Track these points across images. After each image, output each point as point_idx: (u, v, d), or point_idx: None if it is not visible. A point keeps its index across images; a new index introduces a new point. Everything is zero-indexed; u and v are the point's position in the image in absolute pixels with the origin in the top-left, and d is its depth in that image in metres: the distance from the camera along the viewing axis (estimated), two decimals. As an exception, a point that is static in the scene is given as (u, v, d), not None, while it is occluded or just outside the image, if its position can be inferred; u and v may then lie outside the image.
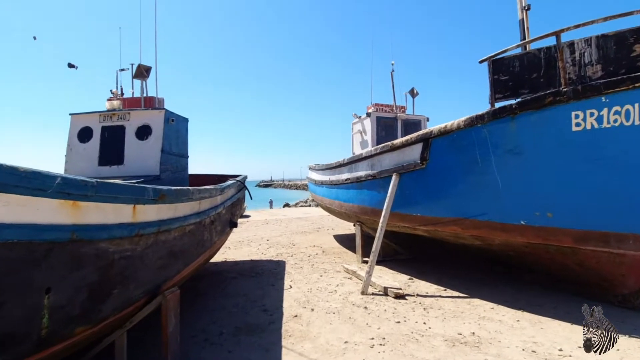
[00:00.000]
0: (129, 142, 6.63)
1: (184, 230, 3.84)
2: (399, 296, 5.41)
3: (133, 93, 7.28)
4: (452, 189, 5.48)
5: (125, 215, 2.78)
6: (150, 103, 7.06)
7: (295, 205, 35.60)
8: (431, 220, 5.88)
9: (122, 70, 8.07)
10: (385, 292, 5.61)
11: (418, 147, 5.76)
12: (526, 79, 5.04)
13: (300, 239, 11.63)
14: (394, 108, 10.72)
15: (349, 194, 8.26)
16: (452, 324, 4.46)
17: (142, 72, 6.85)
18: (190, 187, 3.76)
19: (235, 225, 6.57)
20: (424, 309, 4.98)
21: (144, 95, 7.13)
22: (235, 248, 10.35)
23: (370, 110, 10.36)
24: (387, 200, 6.02)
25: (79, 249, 2.43)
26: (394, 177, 6.11)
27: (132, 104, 7.13)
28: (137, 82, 7.45)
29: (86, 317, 2.65)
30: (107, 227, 2.60)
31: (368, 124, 10.22)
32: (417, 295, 5.57)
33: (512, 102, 4.89)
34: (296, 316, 4.82)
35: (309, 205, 30.60)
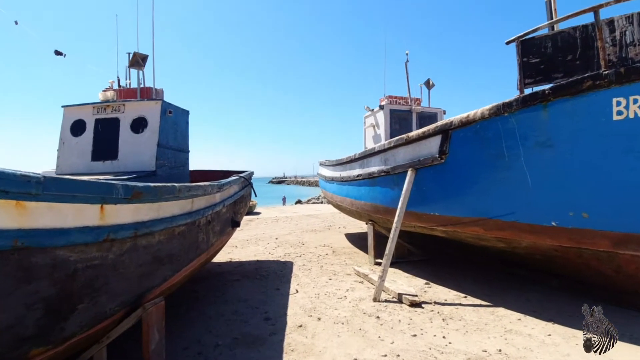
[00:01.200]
0: (123, 135, 6.25)
1: (172, 232, 3.41)
2: (415, 304, 4.91)
3: (130, 84, 6.88)
4: (475, 186, 4.94)
5: (90, 217, 2.35)
6: (147, 94, 6.66)
7: (307, 202, 35.29)
8: (450, 220, 5.35)
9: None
10: (399, 299, 5.12)
11: (436, 140, 5.23)
12: (560, 61, 4.48)
13: (310, 238, 11.19)
14: (409, 100, 10.17)
15: (361, 191, 7.76)
16: (475, 338, 3.95)
17: (137, 61, 6.44)
18: (177, 184, 3.32)
19: (237, 224, 6.13)
20: (443, 319, 4.48)
21: (141, 85, 6.73)
22: (242, 247, 9.96)
23: (383, 103, 9.81)
24: (402, 199, 5.51)
25: (27, 259, 2.01)
26: (409, 172, 5.59)
27: (128, 95, 6.74)
28: (140, 74, 7.05)
29: (44, 337, 2.23)
30: (65, 231, 2.17)
31: (381, 117, 9.68)
32: (435, 302, 5.06)
33: (545, 87, 4.33)
34: (301, 326, 4.37)
35: (321, 202, 30.17)
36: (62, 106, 6.51)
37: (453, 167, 5.10)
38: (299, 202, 36.12)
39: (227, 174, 7.75)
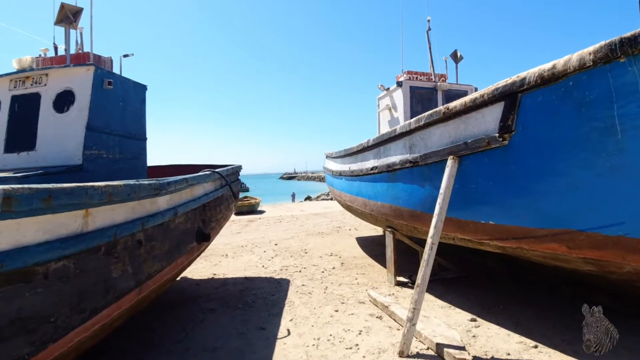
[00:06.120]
0: (43, 116, 4.60)
1: (23, 277, 1.75)
2: (465, 364, 3.19)
3: (67, 50, 5.18)
4: (559, 180, 3.15)
5: None
6: (84, 61, 4.99)
7: (317, 198, 33.78)
8: (514, 232, 3.58)
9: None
10: (439, 353, 3.40)
11: (495, 111, 3.45)
12: None
13: (315, 243, 9.49)
14: (432, 76, 8.36)
15: (376, 189, 5.99)
16: None
17: (67, 16, 4.76)
18: (4, 186, 1.65)
19: (206, 238, 4.43)
20: (517, 399, 2.75)
21: (80, 51, 5.05)
22: (234, 256, 8.32)
23: (401, 79, 8.02)
24: (440, 200, 3.76)
25: None
26: (449, 162, 3.81)
27: (57, 63, 5.07)
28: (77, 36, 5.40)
29: None
30: None
31: (399, 96, 7.88)
32: (493, 359, 3.33)
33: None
34: (285, 412, 2.69)
35: (331, 199, 28.48)
36: None
37: (523, 151, 3.31)
38: (308, 198, 34.59)
39: (196, 168, 6.08)
